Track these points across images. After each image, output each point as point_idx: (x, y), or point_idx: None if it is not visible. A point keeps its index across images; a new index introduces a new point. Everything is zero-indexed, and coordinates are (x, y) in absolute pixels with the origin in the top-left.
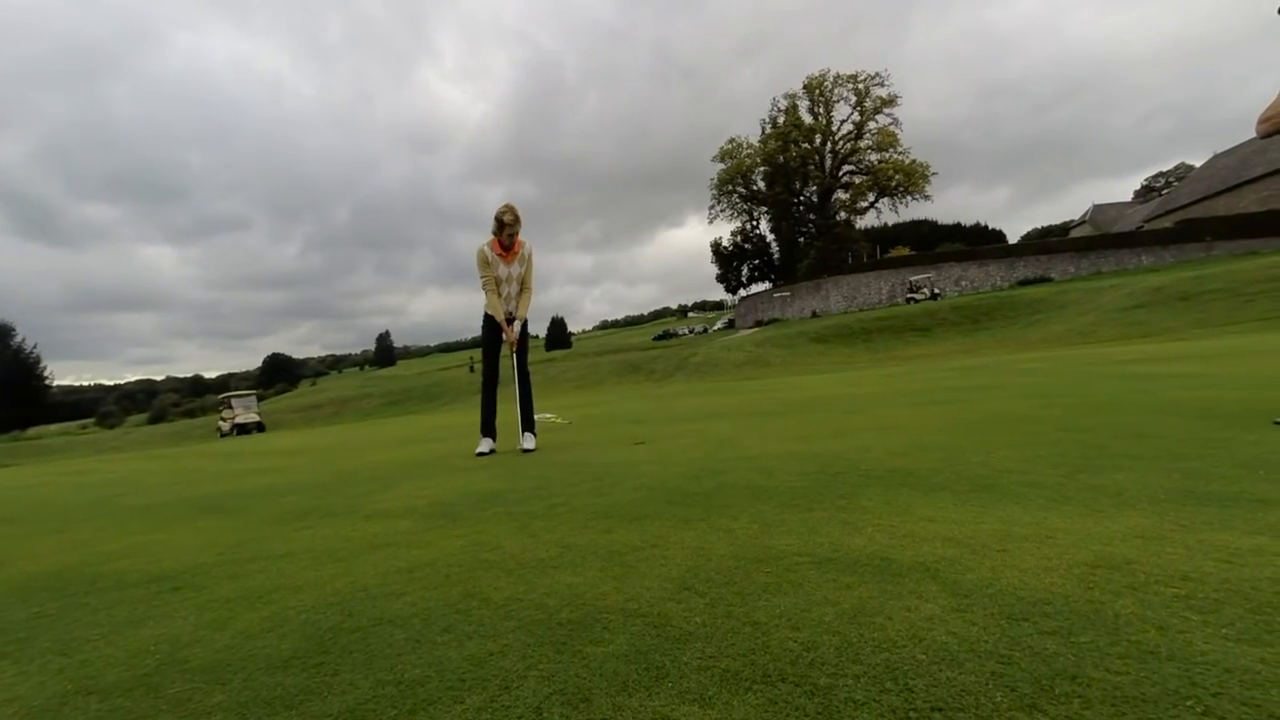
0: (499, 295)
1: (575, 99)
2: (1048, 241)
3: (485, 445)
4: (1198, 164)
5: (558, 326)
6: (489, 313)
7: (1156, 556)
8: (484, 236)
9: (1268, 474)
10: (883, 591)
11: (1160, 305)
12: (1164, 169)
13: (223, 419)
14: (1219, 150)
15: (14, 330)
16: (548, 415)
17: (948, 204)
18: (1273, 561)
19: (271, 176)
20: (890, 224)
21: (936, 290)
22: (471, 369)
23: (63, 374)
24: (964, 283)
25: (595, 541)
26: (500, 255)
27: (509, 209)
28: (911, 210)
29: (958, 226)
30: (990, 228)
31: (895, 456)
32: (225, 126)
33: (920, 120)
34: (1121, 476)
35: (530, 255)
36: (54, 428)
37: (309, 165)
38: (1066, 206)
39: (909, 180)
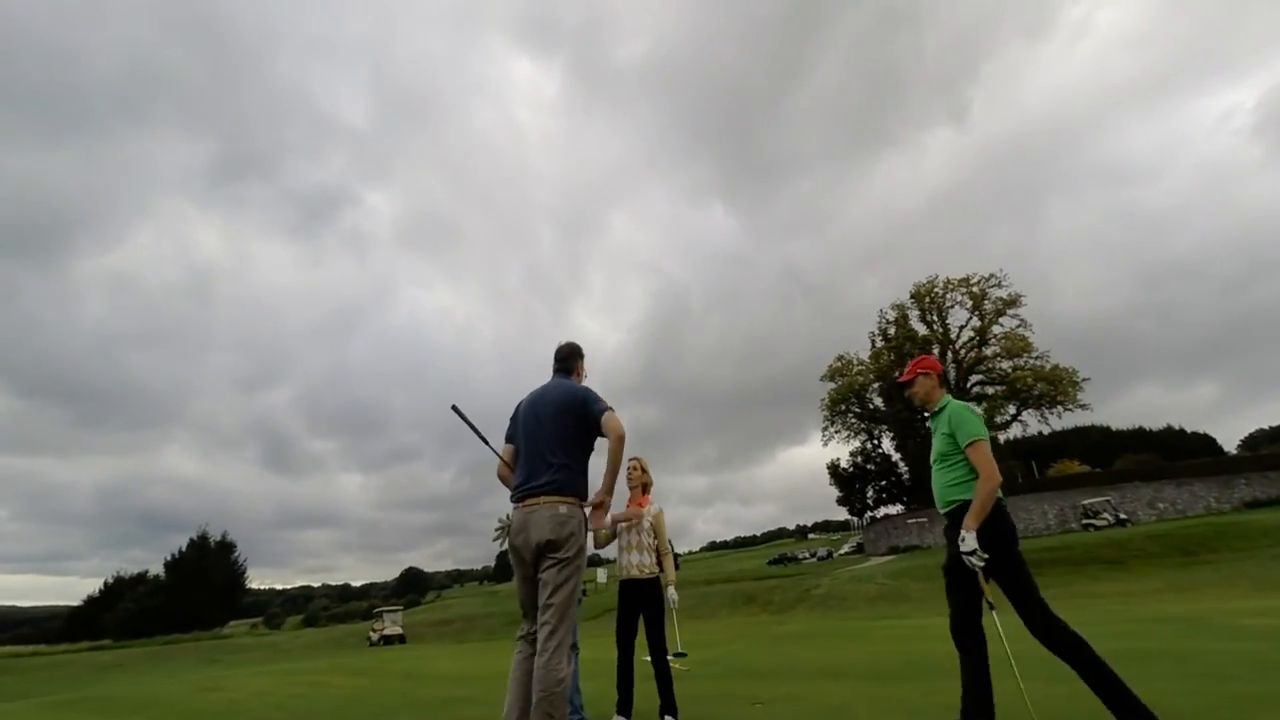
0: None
1: (699, 322)
2: (1277, 454)
3: None
4: None
5: None
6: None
7: None
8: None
9: None
10: None
11: None
12: None
13: (374, 629)
14: None
15: (235, 546)
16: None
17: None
18: None
19: (447, 411)
20: (1046, 433)
21: (1122, 515)
22: (584, 594)
23: (251, 578)
24: (1160, 505)
25: None
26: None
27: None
28: (1072, 418)
29: (1140, 432)
30: (1190, 431)
31: None
32: (423, 366)
33: (1070, 314)
34: None
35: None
36: (239, 625)
37: (477, 398)
38: None
39: (1055, 389)
